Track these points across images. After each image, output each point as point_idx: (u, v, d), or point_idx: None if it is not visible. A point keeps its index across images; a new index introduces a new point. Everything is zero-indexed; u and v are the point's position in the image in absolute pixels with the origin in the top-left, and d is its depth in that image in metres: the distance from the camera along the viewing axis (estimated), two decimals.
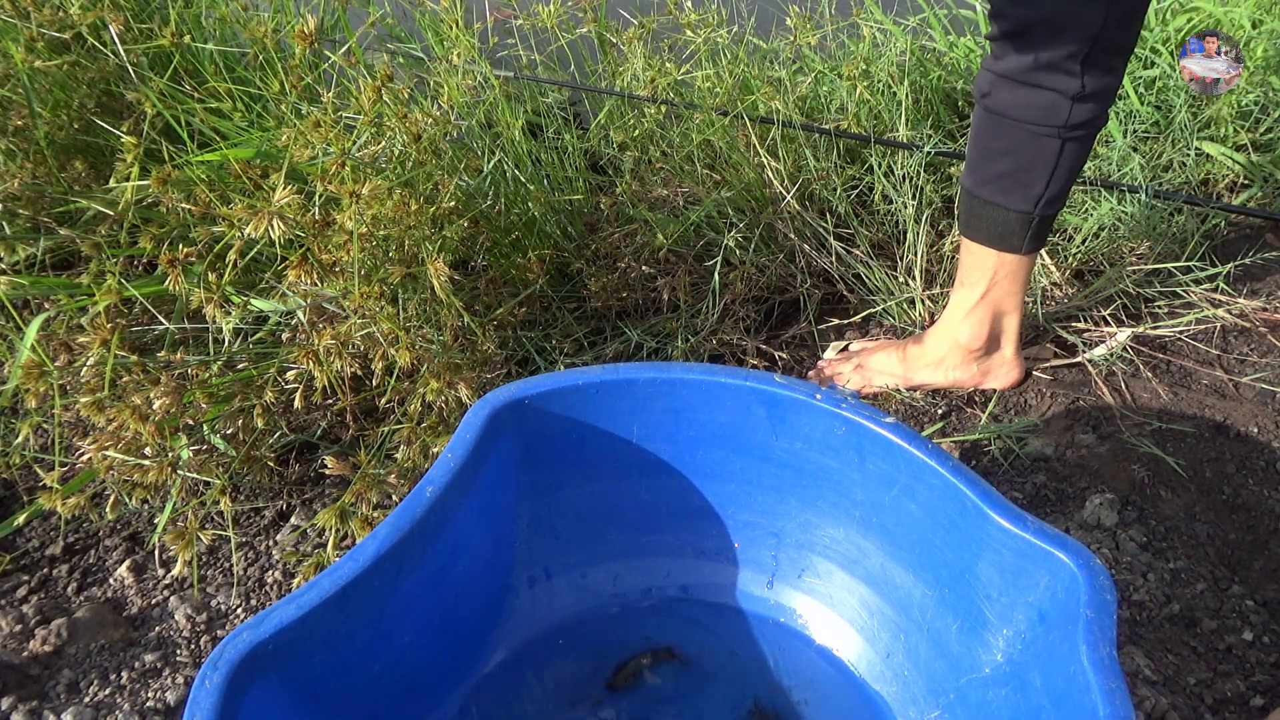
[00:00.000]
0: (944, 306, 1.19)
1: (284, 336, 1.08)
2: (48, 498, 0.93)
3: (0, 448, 1.09)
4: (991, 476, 1.08)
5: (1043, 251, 1.34)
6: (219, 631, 0.95)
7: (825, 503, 0.83)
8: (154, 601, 0.98)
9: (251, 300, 1.05)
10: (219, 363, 1.03)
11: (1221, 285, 1.31)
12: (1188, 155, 1.50)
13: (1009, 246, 1.04)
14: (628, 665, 0.84)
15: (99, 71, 1.31)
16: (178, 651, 0.93)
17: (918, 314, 1.30)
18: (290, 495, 1.09)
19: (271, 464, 1.06)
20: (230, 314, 0.94)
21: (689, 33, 1.46)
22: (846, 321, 1.31)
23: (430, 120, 1.10)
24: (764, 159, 1.35)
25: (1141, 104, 1.55)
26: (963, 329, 1.12)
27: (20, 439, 0.99)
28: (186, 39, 1.16)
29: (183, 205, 1.05)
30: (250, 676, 0.60)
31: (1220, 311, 1.28)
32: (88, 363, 0.94)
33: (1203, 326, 1.27)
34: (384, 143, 1.07)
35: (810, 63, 1.64)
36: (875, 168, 1.39)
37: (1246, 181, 1.52)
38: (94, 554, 1.05)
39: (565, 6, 1.40)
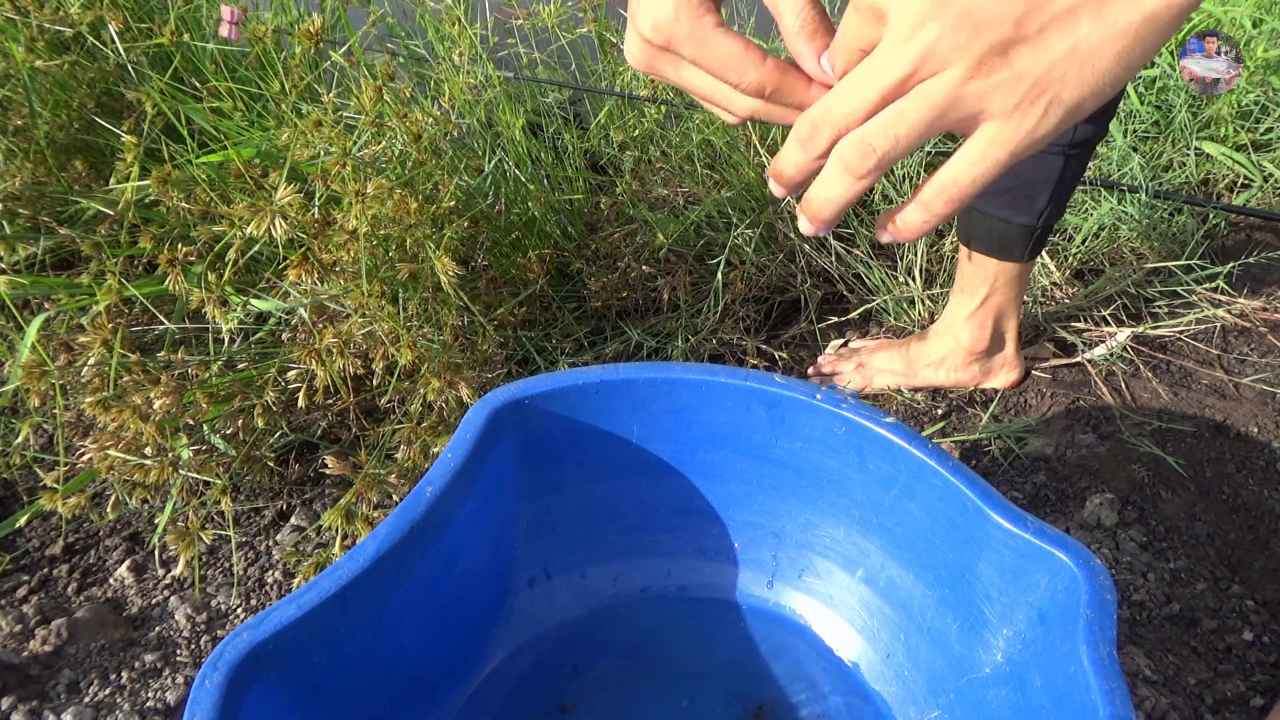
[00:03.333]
0: (944, 306, 1.19)
1: (284, 336, 1.08)
2: (48, 498, 0.93)
3: (0, 448, 1.09)
4: (991, 476, 1.08)
5: (1043, 251, 1.35)
6: (219, 631, 0.95)
7: (825, 503, 0.83)
8: (154, 601, 0.98)
9: (251, 300, 1.05)
10: (219, 363, 1.03)
11: (1222, 285, 1.31)
12: (1188, 155, 1.50)
13: (1011, 256, 1.04)
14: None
15: (99, 71, 1.31)
16: (178, 651, 0.93)
17: (917, 314, 1.30)
18: (290, 495, 1.09)
19: (271, 464, 1.06)
20: (230, 314, 0.94)
21: None
22: (846, 320, 1.31)
23: (431, 120, 1.10)
24: (764, 159, 1.35)
25: (1141, 104, 1.55)
26: (964, 332, 1.12)
27: (21, 439, 0.99)
28: (186, 38, 1.16)
29: (183, 205, 1.05)
30: (250, 676, 0.60)
31: (1220, 311, 1.28)
32: (88, 363, 0.94)
33: (1203, 326, 1.27)
34: (384, 142, 1.07)
35: None
36: None
37: (1246, 181, 1.52)
38: (94, 554, 1.05)
39: (565, 6, 1.39)
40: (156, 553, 1.03)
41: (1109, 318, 1.28)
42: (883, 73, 0.35)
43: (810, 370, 1.23)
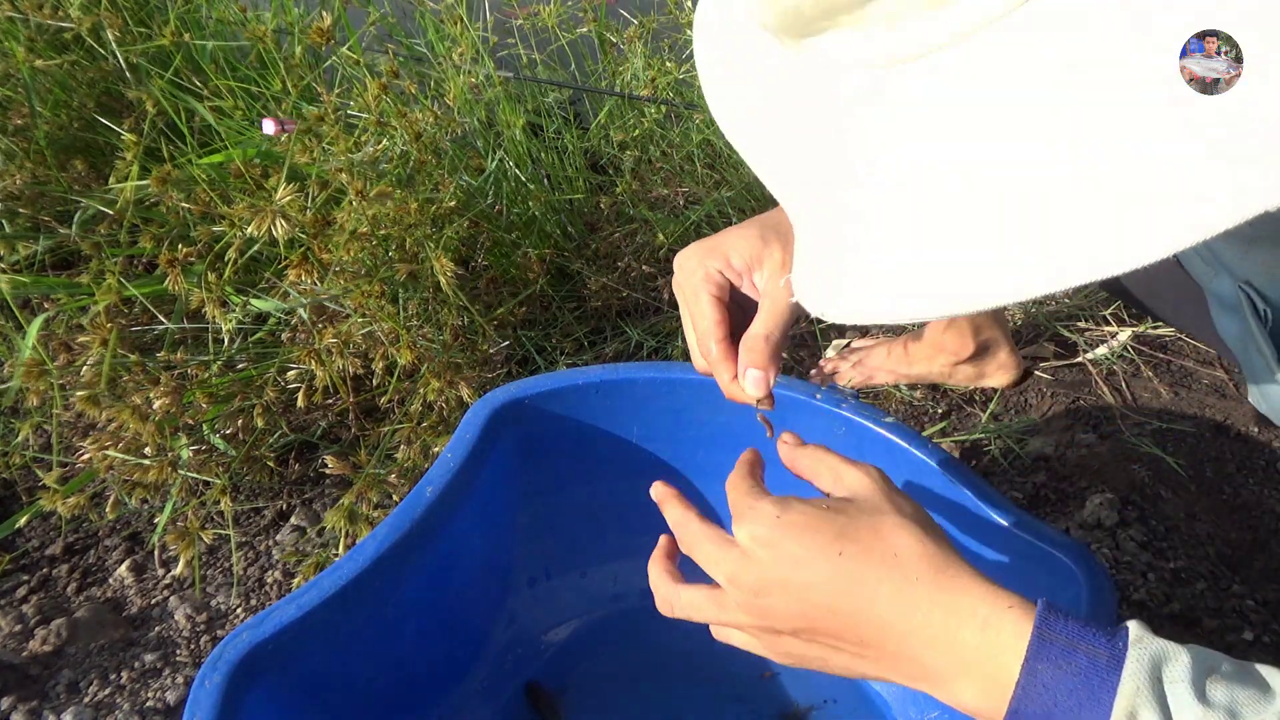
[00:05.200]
0: None
1: (284, 336, 1.08)
2: (48, 498, 0.93)
3: (0, 448, 1.09)
4: (991, 476, 1.08)
5: None
6: (219, 631, 0.95)
7: None
8: (154, 601, 0.98)
9: (251, 300, 1.05)
10: (219, 363, 1.03)
11: None
12: None
13: None
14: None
15: (99, 71, 1.31)
16: (178, 651, 0.93)
17: None
18: (290, 495, 1.09)
19: (271, 464, 1.06)
20: (230, 314, 0.94)
21: (689, 32, 1.46)
22: None
23: (431, 119, 1.10)
24: None
25: None
26: (946, 340, 1.12)
27: (20, 439, 0.99)
28: (186, 37, 1.16)
29: (183, 205, 1.05)
30: (250, 676, 0.60)
31: None
32: (88, 362, 0.94)
33: None
34: (385, 142, 1.07)
35: None
36: None
37: None
38: (94, 554, 1.05)
39: (565, 6, 1.39)
40: (156, 553, 1.03)
41: (1109, 317, 1.27)
42: (705, 600, 0.52)
43: (812, 372, 1.23)
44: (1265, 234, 0.50)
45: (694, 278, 0.58)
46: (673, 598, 0.53)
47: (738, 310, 0.59)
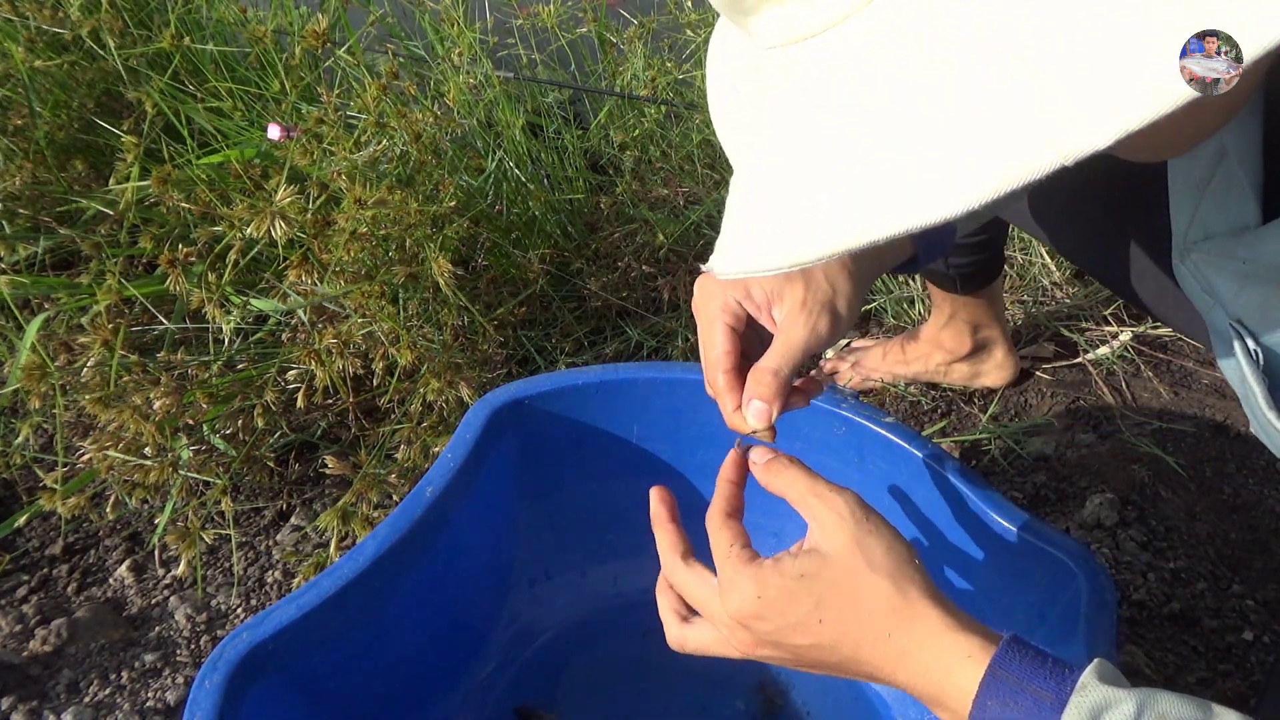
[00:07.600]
0: None
1: (284, 336, 1.08)
2: (48, 498, 0.93)
3: (0, 448, 1.09)
4: (991, 476, 1.08)
5: (1043, 251, 1.34)
6: (219, 631, 0.95)
7: None
8: (154, 601, 0.98)
9: (251, 300, 1.05)
10: (219, 363, 1.03)
11: None
12: None
13: (944, 288, 1.04)
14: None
15: (98, 72, 1.31)
16: (178, 651, 0.93)
17: (917, 313, 1.30)
18: (290, 495, 1.09)
19: (271, 464, 1.06)
20: (230, 314, 0.94)
21: (689, 32, 1.46)
22: None
23: (431, 119, 1.10)
24: None
25: None
26: (943, 337, 1.12)
27: (20, 439, 0.99)
28: (186, 40, 1.16)
29: (183, 205, 1.05)
30: (250, 676, 0.60)
31: None
32: (88, 363, 0.94)
33: None
34: (384, 142, 1.07)
35: None
36: None
37: None
38: (94, 554, 1.05)
39: (565, 6, 1.39)
40: (156, 553, 1.03)
41: (1110, 317, 1.27)
42: (713, 640, 0.54)
43: (812, 372, 1.23)
44: (1259, 271, 0.50)
45: (712, 304, 0.58)
46: (683, 639, 0.56)
47: (756, 340, 0.59)
